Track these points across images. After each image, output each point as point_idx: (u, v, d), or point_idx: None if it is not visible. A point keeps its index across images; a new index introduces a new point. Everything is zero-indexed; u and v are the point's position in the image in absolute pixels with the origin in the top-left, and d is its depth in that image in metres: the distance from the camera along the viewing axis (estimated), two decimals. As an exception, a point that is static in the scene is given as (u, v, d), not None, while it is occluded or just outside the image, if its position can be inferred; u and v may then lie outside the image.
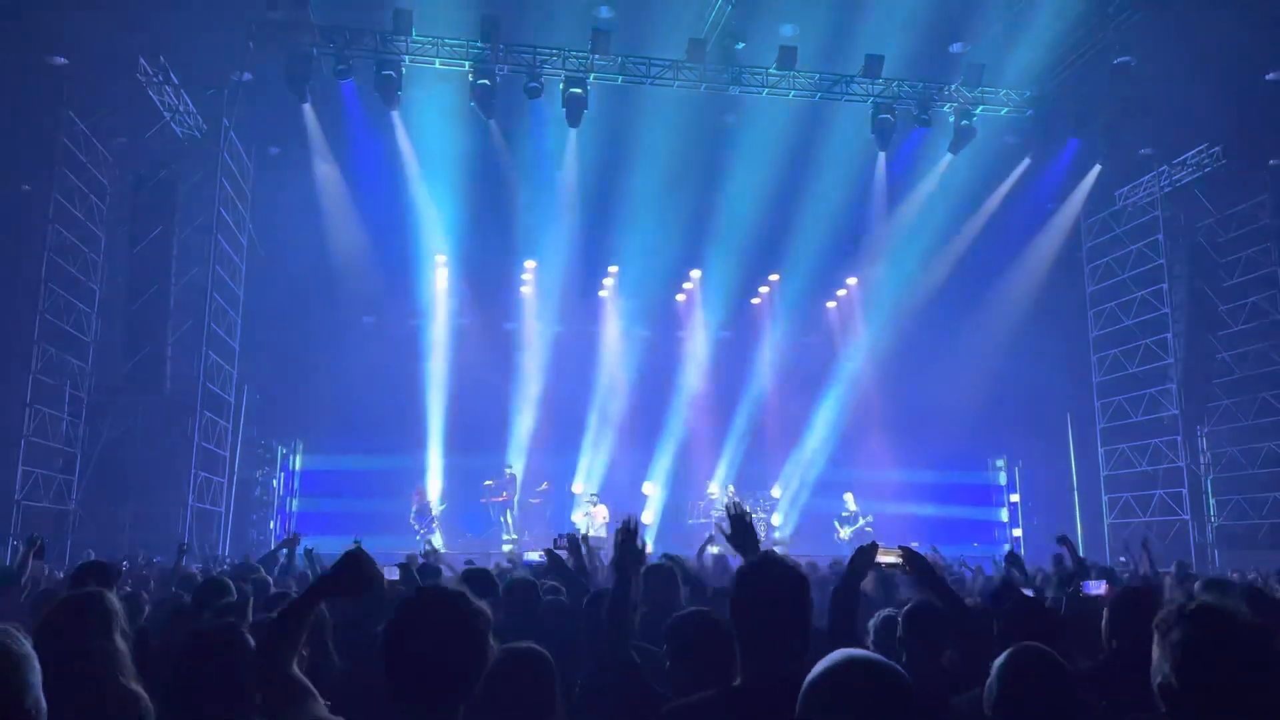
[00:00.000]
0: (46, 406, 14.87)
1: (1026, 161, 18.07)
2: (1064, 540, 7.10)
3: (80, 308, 15.62)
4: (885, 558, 3.55)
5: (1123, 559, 12.51)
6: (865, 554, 3.47)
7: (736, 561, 3.09)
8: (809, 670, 1.84)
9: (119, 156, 16.35)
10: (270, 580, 6.90)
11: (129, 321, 15.71)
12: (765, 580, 2.54)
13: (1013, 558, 8.16)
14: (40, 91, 14.70)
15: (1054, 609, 4.39)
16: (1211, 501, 18.36)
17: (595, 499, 18.87)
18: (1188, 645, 2.02)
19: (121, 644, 2.97)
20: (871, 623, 4.05)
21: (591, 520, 18.15)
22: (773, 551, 2.73)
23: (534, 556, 6.47)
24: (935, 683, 3.37)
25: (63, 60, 14.67)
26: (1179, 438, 18.07)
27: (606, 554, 9.91)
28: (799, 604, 2.50)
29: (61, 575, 8.17)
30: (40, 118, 14.89)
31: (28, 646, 1.76)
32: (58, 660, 2.55)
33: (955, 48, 16.12)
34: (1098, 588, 5.25)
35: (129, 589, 6.58)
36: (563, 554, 6.24)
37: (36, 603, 5.81)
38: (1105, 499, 19.34)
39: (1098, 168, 18.35)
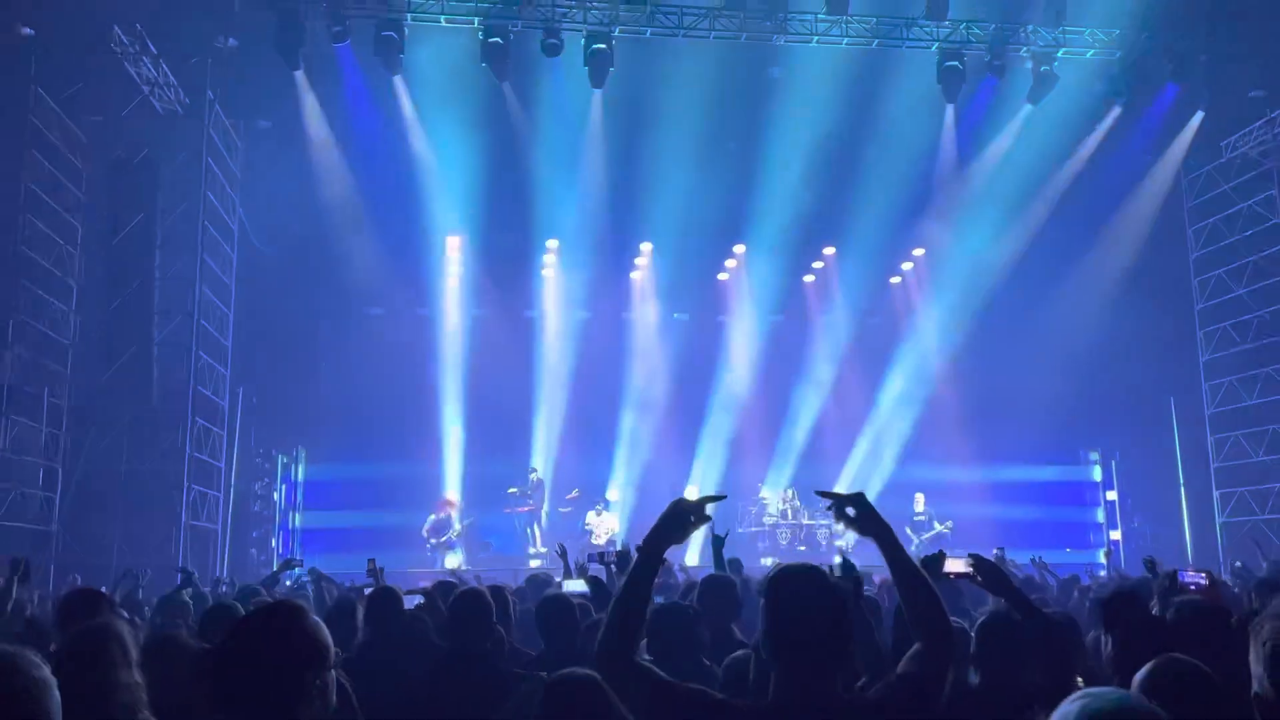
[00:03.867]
0: (23, 417, 15.20)
1: (1117, 111, 17.80)
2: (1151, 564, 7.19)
3: (57, 306, 15.91)
4: (954, 567, 3.61)
5: (1238, 563, 12.38)
6: (931, 565, 3.53)
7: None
8: (845, 690, 1.88)
9: (94, 137, 16.62)
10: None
11: (110, 320, 15.99)
12: (799, 591, 2.66)
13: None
14: (6, 66, 14.98)
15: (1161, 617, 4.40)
16: (1342, 495, 18.07)
17: (603, 506, 18.99)
18: None
19: (139, 677, 3.17)
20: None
21: (596, 530, 18.37)
22: (813, 564, 2.86)
23: (575, 586, 6.53)
24: (1018, 705, 3.41)
25: (29, 31, 14.96)
26: (1302, 422, 17.80)
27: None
28: (836, 619, 2.62)
29: (50, 603, 8.36)
30: (6, 96, 15.18)
31: (47, 671, 1.84)
32: (82, 694, 2.73)
33: (1032, -18, 15.98)
34: (1197, 578, 5.27)
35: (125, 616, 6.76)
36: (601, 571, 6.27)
37: (21, 634, 5.98)
38: (1217, 495, 19.09)
39: (1200, 115, 18.06)
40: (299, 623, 2.31)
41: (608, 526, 18.68)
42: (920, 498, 19.50)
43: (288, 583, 11.74)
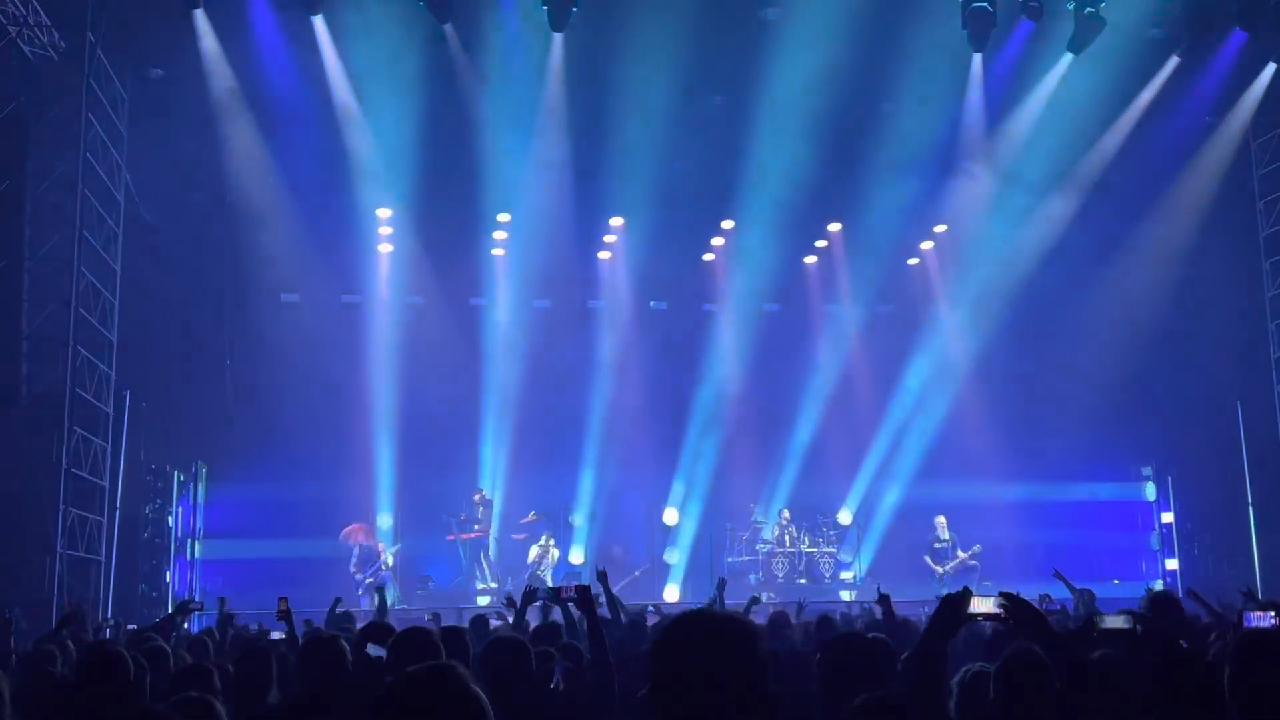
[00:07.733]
0: None
1: (1175, 62, 17.96)
2: (1194, 595, 7.30)
3: (-96, 292, 15.77)
4: (980, 607, 3.61)
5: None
6: (953, 604, 3.54)
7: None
8: None
9: (-51, 88, 16.48)
10: (170, 650, 7.03)
11: (-31, 309, 15.87)
12: (687, 646, 2.51)
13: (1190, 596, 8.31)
14: None
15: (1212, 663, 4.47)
16: None
17: (550, 537, 19.07)
18: None
19: None
20: (955, 680, 4.11)
21: (542, 560, 18.50)
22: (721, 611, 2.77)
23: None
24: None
25: None
26: (1392, 431, 18.01)
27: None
28: (740, 672, 2.48)
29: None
30: None
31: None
32: None
33: (1075, -91, 16.09)
34: (1264, 620, 5.31)
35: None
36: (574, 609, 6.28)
37: None
38: (1292, 517, 19.27)
39: (1272, 68, 18.23)
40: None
41: (551, 558, 18.82)
42: (942, 522, 19.58)
43: (185, 626, 11.70)
